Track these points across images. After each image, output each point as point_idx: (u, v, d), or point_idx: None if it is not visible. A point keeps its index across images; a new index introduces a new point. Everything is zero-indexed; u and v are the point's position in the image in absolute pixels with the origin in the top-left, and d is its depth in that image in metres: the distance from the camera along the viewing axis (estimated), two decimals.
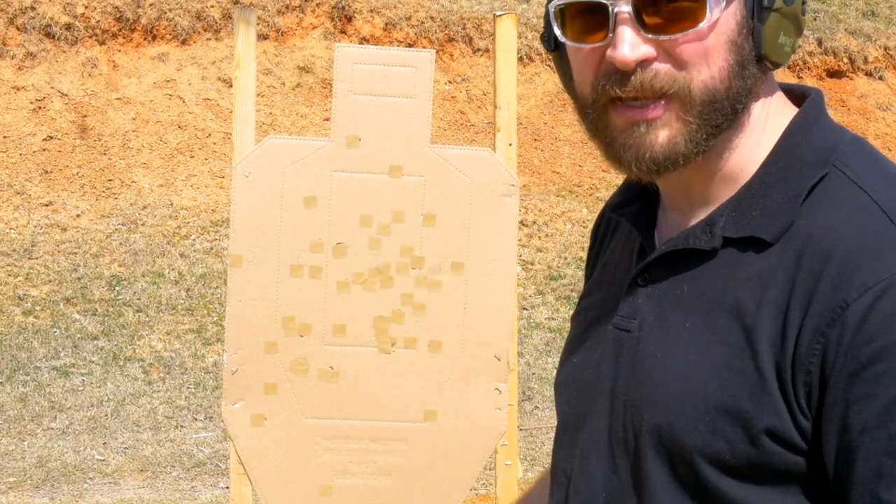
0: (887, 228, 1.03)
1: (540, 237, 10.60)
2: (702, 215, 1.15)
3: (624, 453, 1.15)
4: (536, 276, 10.02)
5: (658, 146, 1.09)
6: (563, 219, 10.78)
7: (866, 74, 13.32)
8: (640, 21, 1.07)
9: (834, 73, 13.20)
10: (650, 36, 1.07)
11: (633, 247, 1.24)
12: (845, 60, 13.20)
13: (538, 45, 12.25)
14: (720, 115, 1.09)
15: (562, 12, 1.12)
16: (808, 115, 1.14)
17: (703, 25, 1.06)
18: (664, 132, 1.09)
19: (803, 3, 1.12)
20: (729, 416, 1.05)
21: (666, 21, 1.06)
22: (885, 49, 13.45)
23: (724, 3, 1.07)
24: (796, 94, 1.19)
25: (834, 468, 1.01)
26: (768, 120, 1.14)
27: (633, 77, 1.08)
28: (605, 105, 1.11)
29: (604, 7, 1.07)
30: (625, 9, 1.07)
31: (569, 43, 1.13)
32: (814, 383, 1.02)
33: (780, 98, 1.16)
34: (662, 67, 1.08)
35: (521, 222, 10.37)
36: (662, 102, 1.08)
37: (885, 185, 1.08)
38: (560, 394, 1.29)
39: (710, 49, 1.07)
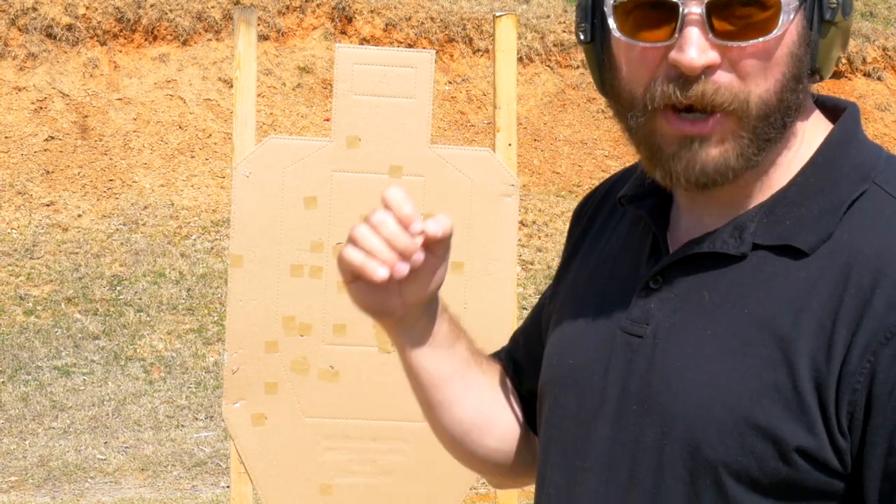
0: None
1: (540, 237, 10.61)
2: (723, 219, 1.11)
3: (635, 466, 1.09)
4: (536, 276, 10.02)
5: (710, 161, 1.05)
6: (563, 219, 10.78)
7: (865, 75, 13.32)
8: (710, 24, 1.02)
9: (833, 74, 13.19)
10: (718, 41, 1.03)
11: (643, 245, 1.19)
12: (844, 61, 13.20)
13: (538, 45, 12.25)
14: (772, 130, 1.06)
15: (621, 4, 1.07)
16: (848, 129, 1.12)
17: (773, 35, 1.03)
18: (717, 149, 1.05)
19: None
20: (759, 431, 1.01)
21: (736, 28, 1.03)
22: (884, 50, 13.45)
23: (792, 15, 1.04)
24: (827, 106, 1.16)
25: (879, 490, 0.98)
26: (806, 133, 1.11)
27: (695, 84, 1.03)
28: (656, 111, 1.06)
29: (673, 6, 1.03)
30: (696, 10, 1.02)
31: (624, 38, 1.07)
32: (859, 403, 0.98)
33: (813, 108, 1.14)
34: (725, 80, 1.04)
35: (521, 222, 10.37)
36: (718, 116, 1.05)
37: None
38: (553, 395, 1.21)
39: (773, 60, 1.04)
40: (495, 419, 1.33)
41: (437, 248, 1.20)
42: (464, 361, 1.29)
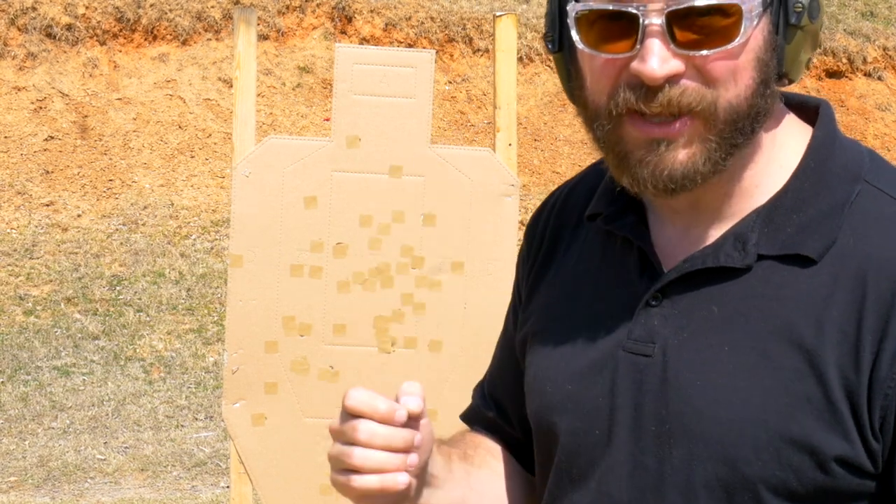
0: None
1: None
2: (715, 230, 1.10)
3: (662, 487, 1.07)
4: None
5: (677, 164, 1.04)
6: None
7: (865, 75, 13.32)
8: (671, 35, 1.02)
9: (833, 74, 13.20)
10: (680, 51, 1.02)
11: (627, 262, 1.15)
12: (844, 61, 13.20)
13: (538, 45, 12.25)
14: (740, 135, 1.05)
15: (583, 16, 1.06)
16: (829, 131, 1.12)
17: (736, 43, 1.02)
18: (684, 151, 1.04)
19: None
20: (795, 444, 1.01)
21: (698, 36, 1.02)
22: (885, 49, 13.45)
23: (755, 21, 1.03)
24: (794, 105, 1.15)
25: None
26: (777, 134, 1.11)
27: (660, 93, 1.03)
28: (621, 116, 1.06)
29: (634, 17, 1.02)
30: (656, 21, 1.01)
31: (587, 50, 1.07)
32: (891, 406, 0.99)
33: (783, 110, 1.13)
34: (691, 84, 1.03)
35: (521, 222, 10.35)
36: (686, 119, 1.04)
37: None
38: (551, 422, 1.17)
39: (739, 67, 1.03)
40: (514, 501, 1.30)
41: (422, 415, 1.11)
42: (464, 474, 1.25)
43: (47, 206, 9.91)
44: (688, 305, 1.08)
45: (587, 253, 1.21)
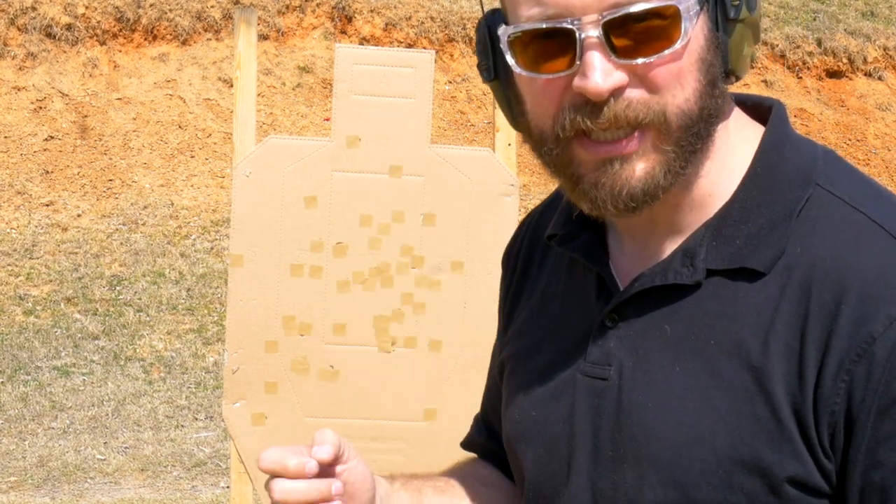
0: None
1: None
2: (670, 245, 1.05)
3: None
4: None
5: (635, 181, 0.99)
6: None
7: (866, 75, 13.32)
8: (610, 45, 0.96)
9: (833, 74, 13.20)
10: (622, 61, 0.97)
11: (586, 283, 1.12)
12: (845, 61, 13.20)
13: None
14: (696, 140, 1.00)
15: (517, 38, 1.00)
16: (779, 132, 1.06)
17: (678, 45, 0.97)
18: (641, 165, 0.99)
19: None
20: (746, 467, 0.97)
21: (637, 43, 0.97)
22: (885, 49, 13.45)
23: (694, 20, 0.98)
24: (748, 105, 1.11)
25: None
26: (730, 137, 1.06)
27: (605, 108, 0.97)
28: (569, 139, 1.00)
29: (568, 32, 0.97)
30: (593, 33, 0.96)
31: (525, 73, 1.01)
32: (839, 423, 0.95)
33: (737, 113, 1.08)
34: (635, 95, 0.98)
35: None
36: (637, 134, 0.99)
37: (876, 202, 1.01)
38: (520, 451, 1.15)
39: (683, 70, 0.98)
40: None
41: (341, 458, 1.12)
42: None
43: (47, 206, 9.91)
44: (642, 326, 1.04)
45: (555, 275, 1.18)
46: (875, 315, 0.94)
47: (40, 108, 10.61)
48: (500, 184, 2.55)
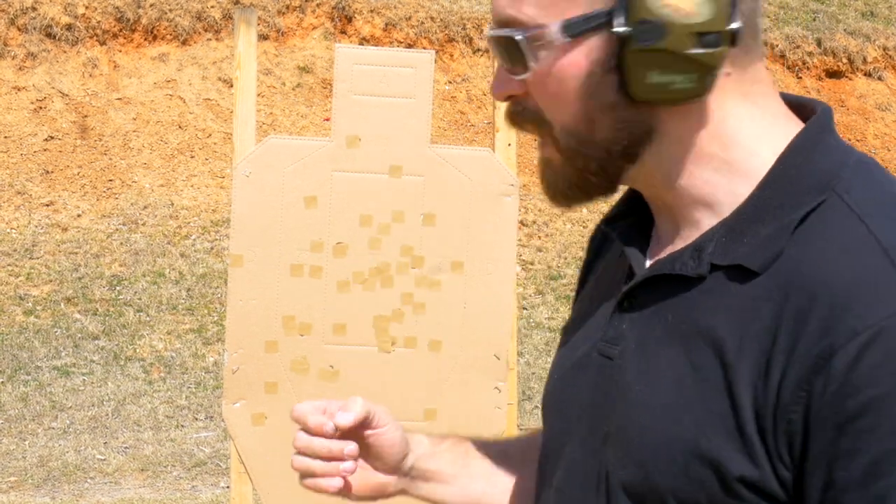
0: (883, 267, 0.94)
1: (540, 237, 10.61)
2: (689, 238, 1.07)
3: (595, 489, 1.07)
4: (536, 275, 10.03)
5: (546, 182, 1.08)
6: (563, 219, 10.78)
7: (865, 75, 13.32)
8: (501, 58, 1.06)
9: (833, 74, 13.20)
10: (510, 74, 1.05)
11: (621, 265, 1.15)
12: (844, 61, 13.20)
13: None
14: (590, 161, 1.04)
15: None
16: (811, 135, 1.04)
17: (527, 75, 1.02)
18: (549, 169, 1.07)
19: (703, 37, 0.98)
20: (703, 460, 0.97)
21: (509, 62, 1.04)
22: (885, 49, 13.45)
23: (553, 51, 1.01)
24: (806, 108, 1.09)
25: None
26: (747, 138, 1.04)
27: (511, 111, 1.07)
28: None
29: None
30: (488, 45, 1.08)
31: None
32: (796, 433, 0.94)
33: (772, 114, 1.06)
34: (531, 104, 1.05)
35: (521, 222, 10.37)
36: (547, 140, 1.05)
37: (888, 216, 0.98)
38: (543, 415, 1.23)
39: (558, 93, 1.02)
40: None
41: (370, 424, 1.25)
42: (487, 471, 1.34)
43: (47, 206, 9.91)
44: (650, 312, 1.06)
45: (609, 258, 1.23)
46: (838, 326, 0.92)
47: (40, 108, 10.61)
48: (500, 184, 2.55)
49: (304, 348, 2.51)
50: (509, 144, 2.50)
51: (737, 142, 1.04)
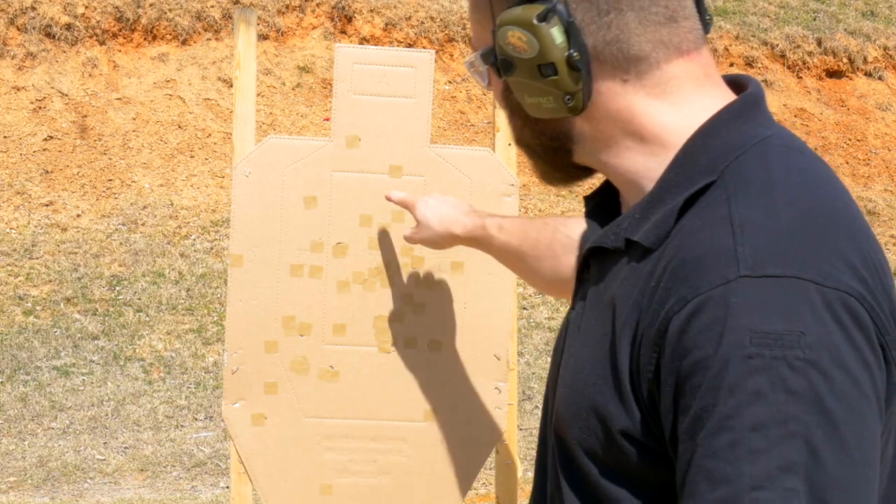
0: (724, 242, 1.01)
1: None
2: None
3: (546, 438, 1.23)
4: None
5: (532, 166, 1.29)
6: None
7: (866, 74, 13.31)
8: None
9: (833, 73, 13.20)
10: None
11: None
12: (845, 60, 13.19)
13: None
14: (536, 156, 1.24)
15: None
16: (721, 118, 1.11)
17: (485, 85, 1.23)
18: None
19: (542, 67, 1.13)
20: (597, 414, 1.09)
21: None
22: (885, 49, 13.45)
23: (484, 69, 1.22)
24: (742, 87, 1.17)
25: (679, 483, 1.02)
26: (673, 127, 1.12)
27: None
28: None
29: None
30: None
31: None
32: (654, 392, 1.04)
33: (691, 104, 1.12)
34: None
35: None
36: None
37: (756, 198, 1.05)
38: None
39: (502, 101, 1.23)
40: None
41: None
42: (543, 229, 1.88)
43: (47, 205, 9.91)
44: (593, 282, 1.19)
45: None
46: (676, 295, 1.02)
47: (40, 107, 10.61)
48: (500, 184, 2.54)
49: (303, 348, 2.50)
50: (509, 144, 2.49)
51: (652, 133, 1.13)
